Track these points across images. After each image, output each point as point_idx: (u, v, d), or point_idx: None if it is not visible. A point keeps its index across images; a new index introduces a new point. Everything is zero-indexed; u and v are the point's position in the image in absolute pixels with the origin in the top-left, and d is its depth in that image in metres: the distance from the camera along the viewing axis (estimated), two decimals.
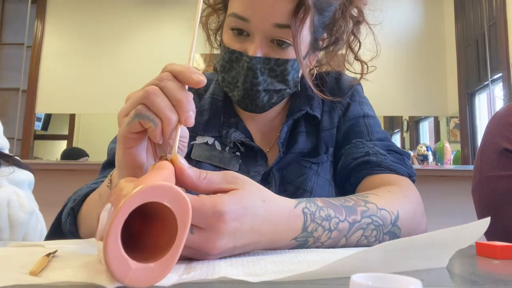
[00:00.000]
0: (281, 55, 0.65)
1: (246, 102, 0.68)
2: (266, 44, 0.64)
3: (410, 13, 3.78)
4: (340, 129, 0.73)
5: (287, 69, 0.66)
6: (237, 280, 0.28)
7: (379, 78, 3.62)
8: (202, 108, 0.75)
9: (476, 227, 0.34)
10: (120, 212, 0.25)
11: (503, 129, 0.84)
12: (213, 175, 0.39)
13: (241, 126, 0.74)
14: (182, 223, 0.28)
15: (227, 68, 0.68)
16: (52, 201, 1.27)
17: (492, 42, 3.20)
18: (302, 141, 0.72)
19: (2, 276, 0.30)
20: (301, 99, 0.75)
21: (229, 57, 0.66)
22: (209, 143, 0.71)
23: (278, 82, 0.67)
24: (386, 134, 0.73)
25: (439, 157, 3.21)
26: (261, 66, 0.64)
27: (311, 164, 0.70)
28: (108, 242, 0.25)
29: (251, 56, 0.64)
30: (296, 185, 0.68)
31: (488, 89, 3.26)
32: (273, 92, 0.67)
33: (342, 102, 0.76)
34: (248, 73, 0.64)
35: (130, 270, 0.26)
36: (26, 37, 3.64)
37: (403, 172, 0.66)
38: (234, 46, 0.66)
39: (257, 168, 0.70)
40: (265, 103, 0.68)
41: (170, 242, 0.28)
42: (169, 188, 0.28)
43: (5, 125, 0.95)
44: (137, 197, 0.26)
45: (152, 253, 0.29)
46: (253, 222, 0.39)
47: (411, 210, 0.56)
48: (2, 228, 0.77)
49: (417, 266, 0.34)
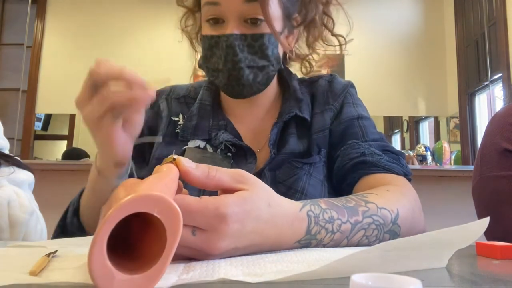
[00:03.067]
0: (257, 31, 0.67)
1: (232, 85, 0.69)
2: (241, 24, 0.67)
3: (410, 13, 3.78)
4: (334, 131, 0.74)
5: (264, 44, 0.68)
6: (237, 280, 0.28)
7: (379, 78, 3.62)
8: (191, 114, 0.76)
9: (476, 227, 0.34)
10: (107, 221, 0.25)
11: (503, 129, 0.84)
12: (223, 174, 0.39)
13: (230, 128, 0.75)
14: (171, 235, 0.28)
15: (209, 55, 0.70)
16: (52, 202, 1.27)
17: (492, 42, 3.20)
18: (293, 142, 0.72)
19: (2, 276, 0.30)
20: (290, 102, 0.76)
21: (209, 44, 0.69)
22: (201, 146, 0.73)
23: (260, 59, 0.68)
24: (381, 135, 0.73)
25: (438, 157, 3.21)
26: (239, 43, 0.66)
27: (303, 164, 0.70)
28: (93, 252, 0.25)
29: (228, 34, 0.66)
30: (288, 185, 0.68)
31: (488, 89, 3.26)
32: (257, 70, 0.69)
33: (334, 104, 0.76)
34: (228, 52, 0.66)
35: (114, 280, 0.25)
36: (26, 37, 3.64)
37: (399, 171, 0.66)
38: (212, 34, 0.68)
39: (247, 167, 0.70)
40: (251, 82, 0.69)
41: (159, 254, 0.28)
42: (159, 198, 0.27)
43: (5, 125, 0.95)
44: (126, 207, 0.26)
45: (143, 261, 0.28)
46: (255, 225, 0.38)
47: (410, 208, 0.56)
48: (2, 228, 0.77)
49: (417, 266, 0.34)
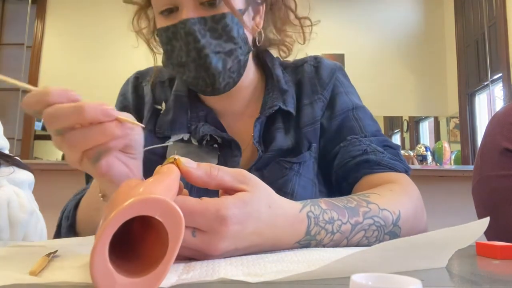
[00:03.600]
0: (217, 12, 0.60)
1: (202, 77, 0.62)
2: (198, 7, 0.60)
3: (410, 13, 3.78)
4: (328, 124, 0.70)
5: (228, 24, 0.61)
6: (237, 280, 0.28)
7: (379, 78, 3.62)
8: (167, 107, 0.70)
9: (476, 227, 0.34)
10: (108, 226, 0.25)
11: (503, 128, 0.84)
12: (225, 174, 0.39)
13: (210, 118, 0.69)
14: (173, 238, 0.28)
15: (169, 50, 0.63)
16: (52, 201, 1.27)
17: (492, 42, 3.21)
18: (280, 137, 0.67)
19: (2, 276, 0.30)
20: (274, 93, 0.70)
21: (166, 37, 0.62)
22: (185, 139, 0.68)
23: (226, 42, 0.61)
24: (377, 126, 0.70)
25: (438, 157, 3.21)
26: (199, 27, 0.59)
27: (292, 164, 0.66)
28: (94, 256, 0.25)
29: (184, 19, 0.59)
30: (276, 187, 0.63)
31: (488, 89, 3.26)
32: (225, 56, 0.61)
33: (323, 93, 0.71)
34: (188, 40, 0.59)
35: (116, 284, 0.25)
36: (26, 37, 3.64)
37: (401, 168, 0.65)
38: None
39: (233, 160, 0.66)
40: (221, 70, 0.61)
41: (161, 257, 0.27)
42: (161, 201, 0.27)
43: (5, 125, 0.95)
44: (127, 210, 0.26)
45: (144, 263, 0.28)
46: (256, 226, 0.39)
47: (412, 208, 0.56)
48: (2, 228, 0.77)
49: (416, 266, 0.34)
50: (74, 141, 0.38)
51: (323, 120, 0.70)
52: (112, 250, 0.26)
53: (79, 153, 0.39)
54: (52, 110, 0.37)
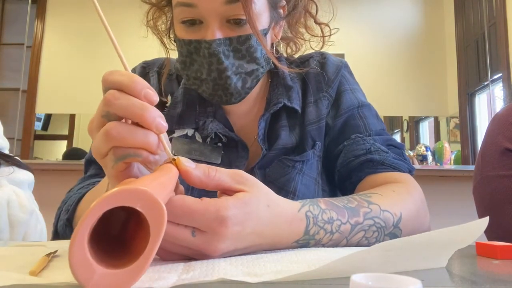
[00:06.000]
0: (242, 33, 0.59)
1: (219, 94, 0.61)
2: (223, 25, 0.58)
3: (410, 13, 3.78)
4: (333, 123, 0.69)
5: (252, 45, 0.59)
6: (237, 280, 0.28)
7: (379, 78, 3.62)
8: (175, 100, 0.69)
9: (475, 227, 0.34)
10: (88, 215, 0.25)
11: (504, 129, 0.84)
12: (222, 175, 0.39)
13: (219, 115, 0.68)
14: (155, 231, 0.27)
15: (188, 63, 0.61)
16: (52, 201, 1.26)
17: (492, 42, 3.20)
18: (285, 135, 0.67)
19: (2, 276, 0.30)
20: (279, 90, 0.69)
21: (187, 50, 0.60)
22: (189, 134, 0.67)
23: (248, 63, 0.60)
24: (382, 125, 0.70)
25: (438, 157, 3.21)
26: (224, 48, 0.58)
27: (295, 162, 0.65)
28: (73, 245, 0.24)
29: (210, 40, 0.57)
30: (279, 185, 0.64)
31: (488, 89, 3.26)
32: (245, 75, 0.61)
33: (329, 91, 0.70)
34: (211, 61, 0.58)
35: (95, 274, 0.25)
36: (26, 37, 3.64)
37: (405, 168, 0.65)
38: (189, 38, 0.59)
39: (239, 161, 0.66)
40: (240, 89, 0.61)
41: (144, 250, 0.27)
42: (143, 192, 0.27)
43: (5, 125, 0.95)
44: (107, 200, 0.26)
45: (130, 257, 0.28)
46: (255, 226, 0.39)
47: (414, 210, 0.55)
48: (2, 228, 0.77)
49: (416, 266, 0.34)
50: (115, 132, 0.35)
51: (328, 118, 0.70)
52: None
53: (110, 146, 0.37)
54: (125, 99, 0.35)
